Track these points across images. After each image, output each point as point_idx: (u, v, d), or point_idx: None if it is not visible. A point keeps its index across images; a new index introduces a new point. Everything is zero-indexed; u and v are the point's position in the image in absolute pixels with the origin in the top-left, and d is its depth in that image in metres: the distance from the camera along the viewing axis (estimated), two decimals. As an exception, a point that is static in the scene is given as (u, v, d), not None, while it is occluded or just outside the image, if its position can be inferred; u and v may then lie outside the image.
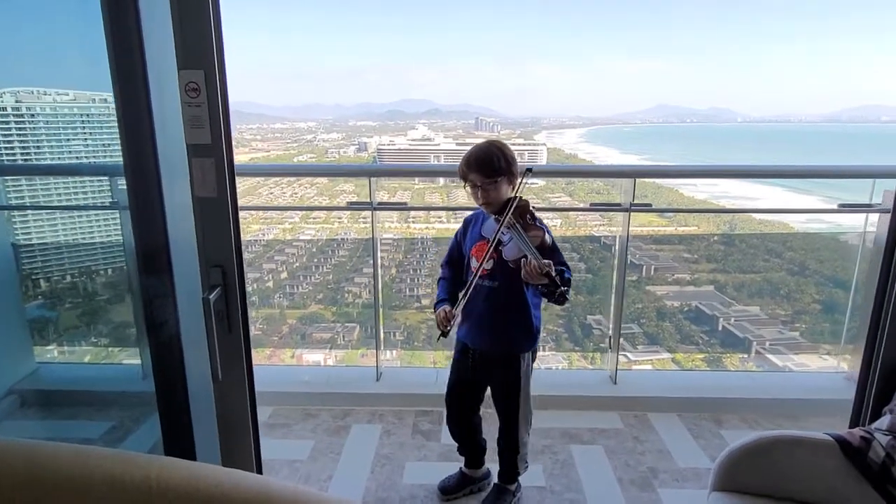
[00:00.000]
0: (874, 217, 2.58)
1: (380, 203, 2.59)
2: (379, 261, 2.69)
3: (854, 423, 1.38)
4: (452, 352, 1.89)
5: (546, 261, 1.45)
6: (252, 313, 2.58)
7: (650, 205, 2.60)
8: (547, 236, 1.59)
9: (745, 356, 3.04)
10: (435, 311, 1.71)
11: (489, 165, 1.62)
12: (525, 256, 1.50)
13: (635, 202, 2.50)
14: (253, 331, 2.69)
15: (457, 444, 1.98)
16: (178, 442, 1.32)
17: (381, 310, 2.77)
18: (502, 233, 1.56)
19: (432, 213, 2.53)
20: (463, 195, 1.79)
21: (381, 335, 2.77)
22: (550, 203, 3.65)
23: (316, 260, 3.40)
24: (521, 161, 1.71)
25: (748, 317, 3.04)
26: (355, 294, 3.20)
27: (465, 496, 1.98)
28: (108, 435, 2.04)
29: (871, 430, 1.27)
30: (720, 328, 3.03)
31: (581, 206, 3.07)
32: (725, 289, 3.06)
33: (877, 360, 1.28)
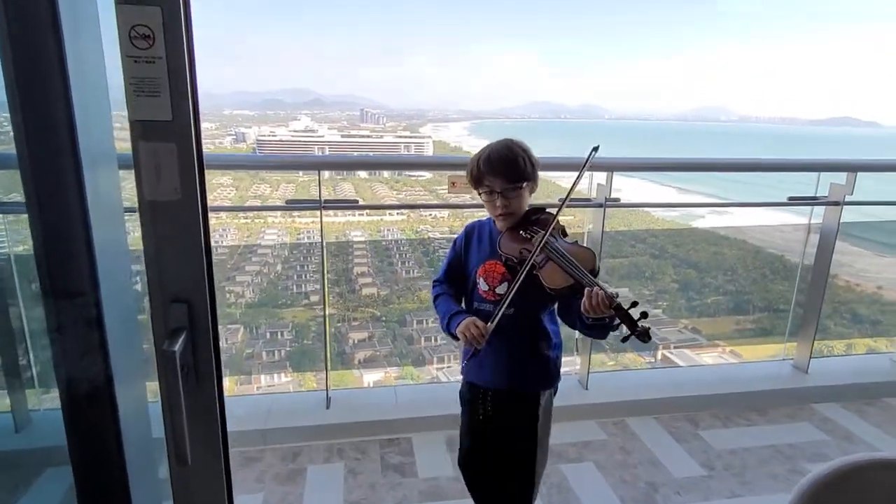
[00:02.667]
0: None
1: (326, 201, 2.20)
2: (326, 264, 2.30)
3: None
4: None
5: (612, 290, 1.19)
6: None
7: (618, 199, 2.49)
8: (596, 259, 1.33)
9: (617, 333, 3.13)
10: (447, 328, 1.37)
11: (514, 168, 1.33)
12: (574, 283, 1.24)
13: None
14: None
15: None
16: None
17: (328, 322, 2.38)
18: (537, 254, 1.28)
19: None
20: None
21: (328, 352, 2.38)
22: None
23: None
24: (408, 153, 1.43)
25: (620, 298, 3.13)
26: (238, 294, 2.83)
27: None
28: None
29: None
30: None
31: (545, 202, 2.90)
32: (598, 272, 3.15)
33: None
